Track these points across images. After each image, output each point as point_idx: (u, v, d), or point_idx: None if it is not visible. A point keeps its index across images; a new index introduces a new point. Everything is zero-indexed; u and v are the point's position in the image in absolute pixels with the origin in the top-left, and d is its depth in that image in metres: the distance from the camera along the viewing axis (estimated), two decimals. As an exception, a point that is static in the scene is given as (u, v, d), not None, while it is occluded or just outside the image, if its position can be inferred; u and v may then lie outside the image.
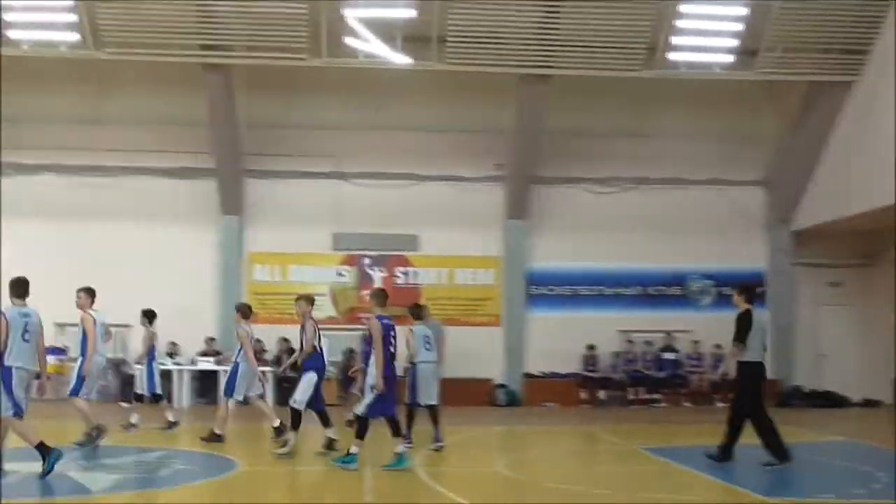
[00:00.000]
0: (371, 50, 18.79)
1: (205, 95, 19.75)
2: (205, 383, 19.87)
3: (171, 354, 19.68)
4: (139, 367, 15.00)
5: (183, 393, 19.52)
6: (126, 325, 17.94)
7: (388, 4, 18.70)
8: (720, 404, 19.58)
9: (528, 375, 21.57)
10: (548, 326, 21.50)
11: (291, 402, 12.06)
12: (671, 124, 21.66)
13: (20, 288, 10.08)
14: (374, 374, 10.66)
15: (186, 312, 19.58)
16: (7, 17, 18.13)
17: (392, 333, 10.87)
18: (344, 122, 21.29)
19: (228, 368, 13.86)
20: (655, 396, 21.29)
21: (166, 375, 18.48)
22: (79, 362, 12.19)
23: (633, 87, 20.52)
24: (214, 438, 12.93)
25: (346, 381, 16.26)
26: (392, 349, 10.83)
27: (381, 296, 11.35)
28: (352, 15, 18.44)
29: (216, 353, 19.72)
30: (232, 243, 21.35)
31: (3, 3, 17.90)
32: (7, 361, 9.61)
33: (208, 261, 21.07)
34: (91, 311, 12.17)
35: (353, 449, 10.70)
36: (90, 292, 12.28)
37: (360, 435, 10.74)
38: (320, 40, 18.82)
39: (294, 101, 21.00)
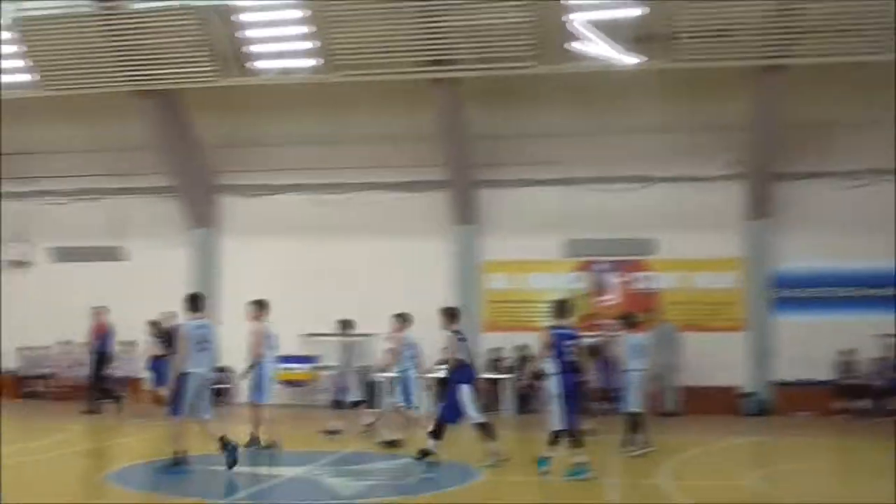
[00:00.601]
0: (598, 52, 18.44)
1: (433, 109, 20.16)
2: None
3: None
4: (387, 375, 15.46)
5: (421, 401, 19.93)
6: (368, 335, 18.56)
7: (615, 5, 18.31)
8: None
9: (778, 383, 20.35)
10: (797, 331, 20.07)
11: (470, 420, 11.89)
12: (929, 108, 19.83)
13: (195, 302, 10.98)
14: (555, 384, 10.66)
15: (424, 322, 19.95)
16: (253, 48, 19.37)
17: (566, 343, 10.75)
18: (571, 128, 20.97)
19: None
20: (922, 406, 19.52)
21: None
22: (252, 372, 12.92)
23: (883, 71, 18.93)
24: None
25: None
26: (568, 359, 10.71)
27: (558, 306, 11.15)
28: (578, 18, 18.20)
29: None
30: (466, 253, 21.59)
31: (248, 35, 19.15)
32: (184, 368, 10.49)
33: (444, 271, 21.37)
34: (259, 323, 12.68)
35: (577, 459, 10.57)
36: (259, 304, 12.85)
37: (576, 445, 10.65)
38: (547, 46, 18.69)
39: (521, 109, 20.96)
